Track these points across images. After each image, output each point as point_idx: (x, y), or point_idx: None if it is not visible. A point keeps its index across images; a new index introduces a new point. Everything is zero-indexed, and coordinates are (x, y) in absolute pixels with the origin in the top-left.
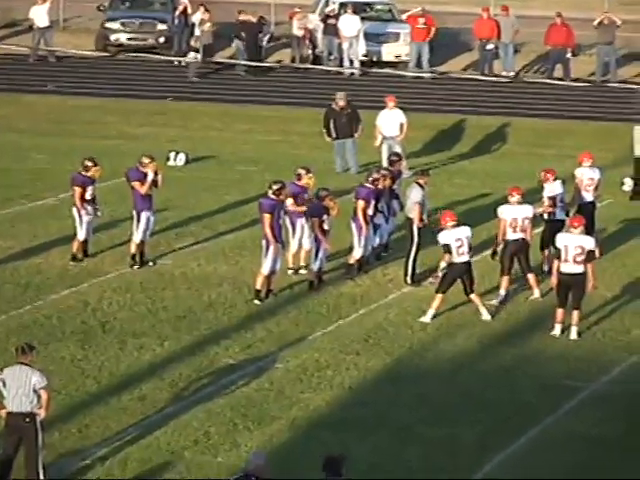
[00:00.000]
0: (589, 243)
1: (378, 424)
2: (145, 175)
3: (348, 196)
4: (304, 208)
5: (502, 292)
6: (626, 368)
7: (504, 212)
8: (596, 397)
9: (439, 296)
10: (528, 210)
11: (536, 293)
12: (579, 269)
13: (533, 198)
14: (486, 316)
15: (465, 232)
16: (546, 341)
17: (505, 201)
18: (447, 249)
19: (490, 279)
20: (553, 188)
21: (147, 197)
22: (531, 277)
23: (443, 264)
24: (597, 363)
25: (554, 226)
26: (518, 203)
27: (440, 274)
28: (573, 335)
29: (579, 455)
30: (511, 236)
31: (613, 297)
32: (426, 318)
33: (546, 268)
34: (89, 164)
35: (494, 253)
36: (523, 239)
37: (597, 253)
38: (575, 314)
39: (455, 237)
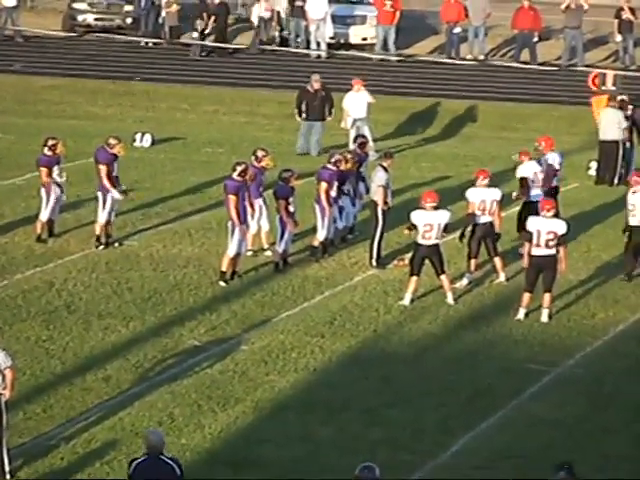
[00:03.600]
0: (561, 228)
1: (343, 406)
2: (114, 156)
3: (311, 178)
4: (259, 203)
5: (468, 275)
6: (590, 352)
7: (472, 195)
8: (559, 381)
9: (413, 278)
10: (496, 193)
11: (501, 277)
12: (551, 252)
13: (500, 180)
14: (450, 300)
15: (439, 218)
16: (510, 325)
17: (472, 184)
18: (414, 227)
19: (456, 262)
20: (523, 169)
21: (114, 177)
22: (497, 261)
23: (406, 231)
24: (561, 347)
25: (531, 207)
26: (486, 186)
27: (406, 258)
28: (544, 318)
29: (541, 438)
30: (479, 219)
31: (578, 281)
32: (405, 301)
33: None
34: (51, 143)
35: (462, 235)
36: (491, 222)
37: None
38: (547, 296)
39: (425, 222)
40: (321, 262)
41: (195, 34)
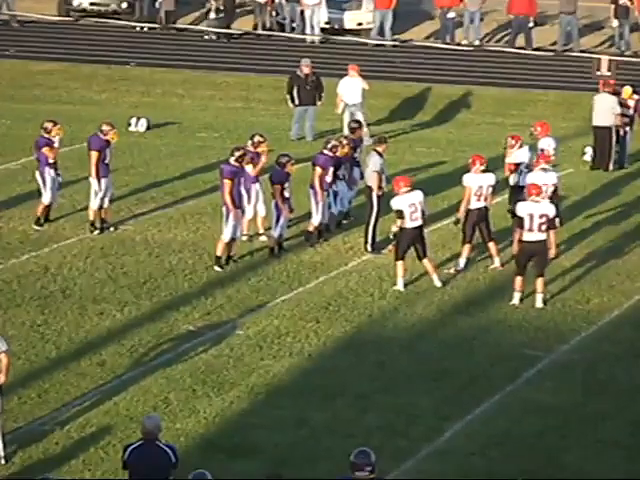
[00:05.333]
0: (551, 210)
1: (337, 392)
2: (108, 142)
3: (307, 163)
4: (257, 169)
5: (463, 260)
6: (585, 337)
7: (470, 180)
8: (554, 366)
9: (399, 263)
10: (492, 178)
11: (496, 262)
12: (542, 237)
13: (495, 166)
14: (437, 282)
15: (418, 197)
16: (506, 310)
17: (467, 169)
18: (400, 215)
19: (450, 247)
20: (519, 154)
21: (106, 164)
22: (492, 246)
23: (394, 228)
24: (556, 332)
25: (521, 192)
26: (482, 171)
27: (392, 239)
28: (539, 303)
29: (536, 423)
30: (474, 205)
31: (573, 267)
32: (398, 286)
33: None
34: (49, 125)
35: (458, 221)
36: (485, 207)
37: (557, 223)
38: (540, 281)
39: (409, 202)
40: (316, 247)
41: (212, 14)
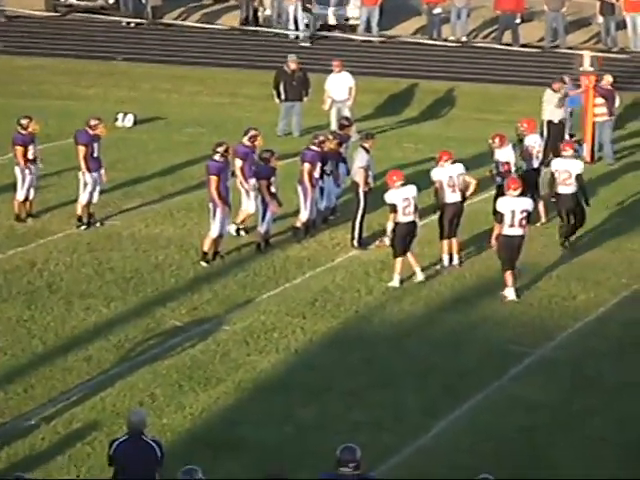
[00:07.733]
0: (530, 205)
1: (324, 388)
2: (96, 137)
3: (294, 159)
4: (252, 182)
5: (445, 257)
6: (571, 334)
7: (438, 174)
8: (541, 362)
9: (399, 259)
10: (460, 167)
11: (455, 260)
12: (523, 231)
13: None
14: (420, 276)
15: (412, 191)
16: (492, 306)
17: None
18: (393, 209)
19: (437, 243)
20: (503, 153)
21: (95, 158)
22: (454, 242)
23: (390, 224)
24: (543, 329)
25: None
26: (451, 163)
27: (386, 239)
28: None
29: (523, 420)
30: (451, 198)
31: (559, 263)
32: (394, 283)
33: None
34: (25, 122)
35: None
36: (461, 202)
37: (544, 219)
38: (512, 274)
39: (403, 197)
40: (303, 243)
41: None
